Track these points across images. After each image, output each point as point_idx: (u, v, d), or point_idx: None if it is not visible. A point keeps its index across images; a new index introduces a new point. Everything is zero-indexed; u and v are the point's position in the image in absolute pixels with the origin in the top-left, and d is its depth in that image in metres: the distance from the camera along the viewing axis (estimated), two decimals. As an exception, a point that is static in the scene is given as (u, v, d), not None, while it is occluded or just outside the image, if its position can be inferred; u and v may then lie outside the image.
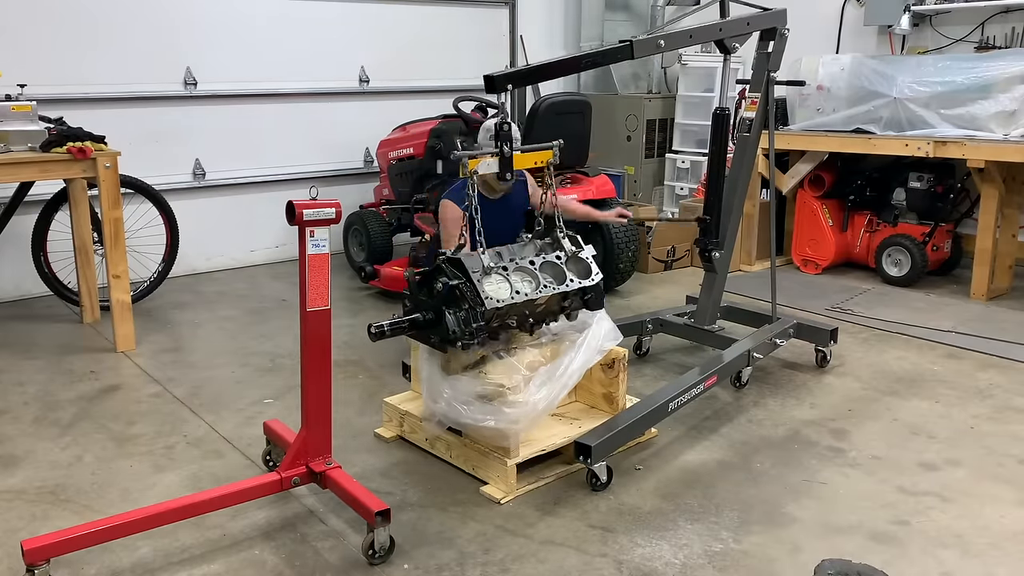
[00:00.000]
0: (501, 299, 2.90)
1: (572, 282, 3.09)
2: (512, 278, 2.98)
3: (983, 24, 6.08)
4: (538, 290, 3.00)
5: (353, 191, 6.50)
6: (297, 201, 2.47)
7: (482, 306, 2.85)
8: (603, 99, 7.36)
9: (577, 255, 3.17)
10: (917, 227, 5.72)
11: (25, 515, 2.83)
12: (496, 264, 2.98)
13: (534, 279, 3.02)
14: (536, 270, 3.05)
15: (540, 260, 3.09)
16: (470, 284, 2.87)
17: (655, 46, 3.38)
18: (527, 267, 3.04)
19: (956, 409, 3.70)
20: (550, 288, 3.03)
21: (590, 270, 3.16)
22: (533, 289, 3.00)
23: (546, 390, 2.94)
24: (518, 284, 2.98)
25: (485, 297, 2.86)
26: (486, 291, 2.88)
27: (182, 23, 5.72)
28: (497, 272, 2.96)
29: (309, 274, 2.53)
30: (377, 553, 2.55)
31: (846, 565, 2.38)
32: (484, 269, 2.92)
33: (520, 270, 3.02)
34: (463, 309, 2.86)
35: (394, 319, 2.95)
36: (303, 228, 2.50)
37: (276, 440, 3.04)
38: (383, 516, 2.52)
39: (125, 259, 4.39)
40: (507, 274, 2.98)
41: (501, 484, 2.94)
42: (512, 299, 2.92)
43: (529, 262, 3.06)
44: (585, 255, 3.18)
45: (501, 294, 2.92)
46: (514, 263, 3.03)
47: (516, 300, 2.93)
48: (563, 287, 3.06)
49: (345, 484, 2.65)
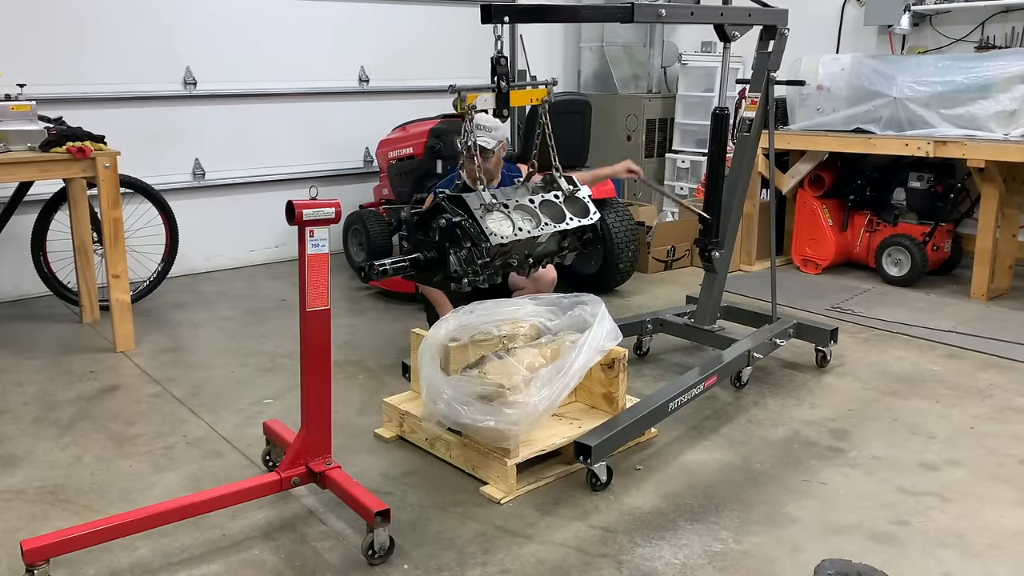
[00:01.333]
0: (504, 235, 2.88)
1: (572, 220, 3.10)
2: (513, 216, 2.97)
3: (983, 24, 6.08)
4: (539, 227, 2.99)
5: (353, 191, 6.50)
6: (297, 201, 2.47)
7: (486, 242, 2.82)
8: (603, 99, 7.35)
9: (574, 194, 3.17)
10: (917, 227, 5.72)
11: (24, 515, 2.83)
12: (497, 201, 2.96)
13: (534, 217, 3.02)
14: (536, 208, 3.04)
15: (539, 199, 3.09)
16: (472, 221, 2.85)
17: (656, 14, 3.38)
18: (527, 205, 3.04)
19: (956, 409, 3.70)
20: (551, 226, 3.02)
21: (587, 209, 3.16)
22: (535, 226, 2.99)
23: (547, 391, 2.94)
24: (519, 222, 2.97)
25: (489, 233, 2.84)
26: (489, 227, 2.85)
27: (182, 23, 5.71)
28: (499, 210, 2.94)
29: (309, 274, 2.53)
30: (377, 553, 2.54)
31: (846, 565, 2.38)
32: (486, 206, 2.91)
33: (520, 208, 3.02)
34: (465, 248, 2.84)
35: (395, 259, 2.90)
36: (303, 228, 2.50)
37: (276, 440, 3.03)
38: (383, 516, 2.52)
39: (124, 259, 4.39)
40: (508, 211, 2.96)
41: (501, 484, 2.94)
42: (515, 235, 2.91)
43: (528, 200, 3.05)
44: (582, 194, 3.19)
45: (504, 231, 2.90)
46: (514, 201, 3.02)
47: (519, 236, 2.92)
48: (563, 225, 3.06)
49: (345, 484, 2.64)
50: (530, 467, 3.04)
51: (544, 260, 3.16)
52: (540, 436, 3.08)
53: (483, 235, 2.83)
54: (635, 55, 7.73)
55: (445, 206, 2.89)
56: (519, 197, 3.08)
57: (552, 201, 3.12)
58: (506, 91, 2.99)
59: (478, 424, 2.90)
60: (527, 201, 3.05)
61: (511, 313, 3.26)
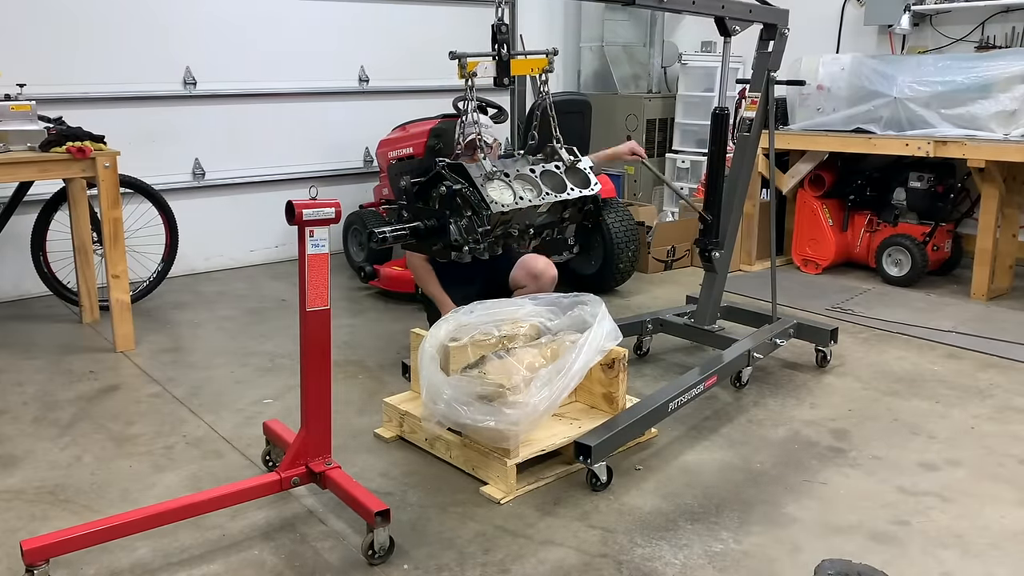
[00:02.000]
0: (506, 204, 2.86)
1: (573, 190, 3.09)
2: (514, 185, 2.95)
3: (983, 24, 6.08)
4: (541, 197, 2.98)
5: (352, 191, 6.50)
6: (297, 201, 2.46)
7: (487, 210, 2.81)
8: (603, 99, 7.35)
9: (575, 165, 3.16)
10: (917, 227, 5.71)
11: (24, 515, 2.83)
12: (498, 170, 2.95)
13: (536, 187, 3.01)
14: (537, 178, 3.04)
15: (540, 169, 3.08)
16: (473, 189, 2.83)
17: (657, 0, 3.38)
18: (528, 175, 3.02)
19: (956, 409, 3.70)
20: (552, 196, 3.02)
21: (588, 180, 3.15)
22: (536, 196, 2.98)
23: (547, 391, 2.93)
24: (520, 191, 2.96)
25: (491, 201, 2.82)
26: (490, 195, 2.84)
27: (181, 22, 5.71)
28: (499, 179, 2.92)
29: (309, 274, 2.53)
30: (377, 554, 2.54)
31: (846, 565, 2.38)
32: (487, 175, 2.89)
33: (521, 177, 3.01)
34: (466, 216, 2.82)
35: (395, 227, 2.87)
36: (303, 228, 2.49)
37: (276, 440, 3.03)
38: (383, 516, 2.52)
39: (124, 259, 4.39)
40: (509, 180, 2.95)
41: (501, 484, 2.94)
42: (516, 204, 2.89)
43: (529, 170, 3.05)
44: (583, 165, 3.18)
45: (505, 199, 2.88)
46: (515, 171, 3.01)
47: (520, 205, 2.90)
48: (564, 195, 3.05)
49: (345, 484, 2.64)
50: (530, 467, 3.04)
51: (544, 231, 3.15)
52: (540, 436, 3.08)
53: (484, 203, 2.81)
54: (635, 55, 7.73)
55: (446, 174, 2.87)
56: (520, 167, 3.07)
57: (553, 171, 3.11)
58: (507, 59, 2.99)
59: (478, 424, 2.89)
60: (528, 171, 3.05)
61: (511, 313, 3.26)
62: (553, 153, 3.18)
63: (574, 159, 3.17)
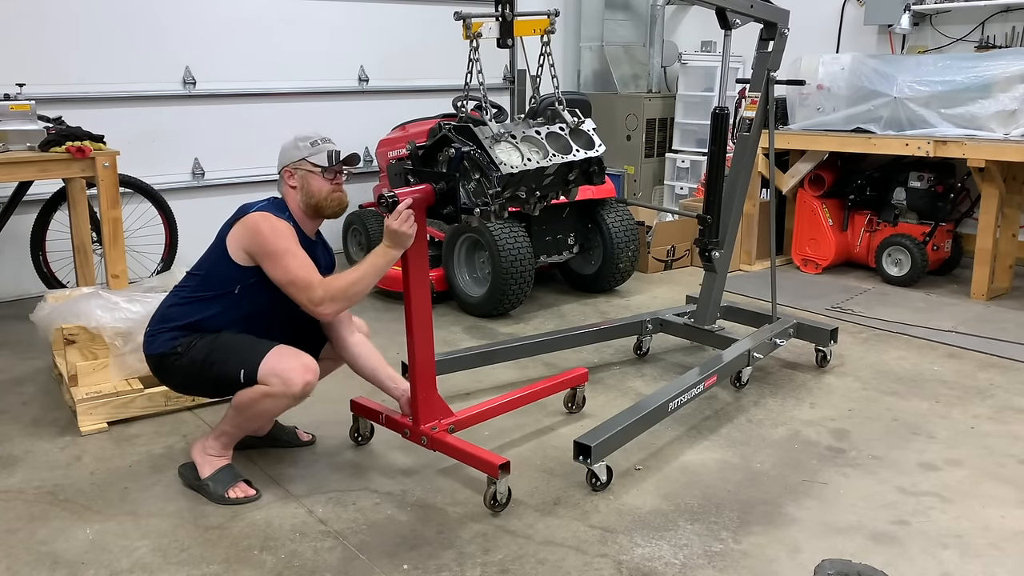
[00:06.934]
0: (514, 165, 2.87)
1: (578, 152, 3.11)
2: (521, 146, 2.97)
3: (983, 23, 6.08)
4: (547, 158, 3.00)
5: (352, 191, 6.43)
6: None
7: (496, 172, 2.81)
8: (603, 98, 7.35)
9: (579, 127, 3.18)
10: (917, 227, 5.71)
11: (24, 515, 2.83)
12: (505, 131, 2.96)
13: (542, 148, 3.02)
14: (543, 140, 3.05)
15: (545, 131, 3.10)
16: (481, 151, 2.84)
17: None
18: (534, 136, 3.04)
19: (956, 409, 3.70)
20: (558, 157, 3.03)
21: (592, 141, 3.17)
22: (542, 157, 2.99)
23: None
24: (528, 152, 2.97)
25: (499, 163, 2.83)
26: (499, 157, 2.85)
27: (181, 22, 5.71)
28: (507, 140, 2.94)
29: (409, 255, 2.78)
30: (498, 503, 2.79)
31: (846, 565, 2.38)
32: (494, 136, 2.90)
33: (528, 140, 3.02)
34: (474, 179, 2.83)
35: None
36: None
37: (366, 415, 3.23)
38: (504, 468, 2.77)
39: (124, 259, 4.39)
40: (516, 142, 2.96)
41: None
42: (525, 165, 2.91)
43: (535, 131, 3.06)
44: (587, 127, 3.20)
45: (513, 160, 2.89)
46: (521, 133, 3.02)
47: (528, 167, 2.92)
48: (570, 157, 3.07)
49: (459, 444, 2.90)
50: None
51: (549, 194, 3.16)
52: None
53: (493, 164, 2.82)
54: (635, 55, 7.73)
55: (452, 137, 2.88)
56: (525, 129, 3.08)
57: (558, 133, 3.13)
58: (510, 19, 3.01)
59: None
60: (534, 132, 3.06)
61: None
62: (555, 116, 3.20)
63: (578, 120, 3.19)
